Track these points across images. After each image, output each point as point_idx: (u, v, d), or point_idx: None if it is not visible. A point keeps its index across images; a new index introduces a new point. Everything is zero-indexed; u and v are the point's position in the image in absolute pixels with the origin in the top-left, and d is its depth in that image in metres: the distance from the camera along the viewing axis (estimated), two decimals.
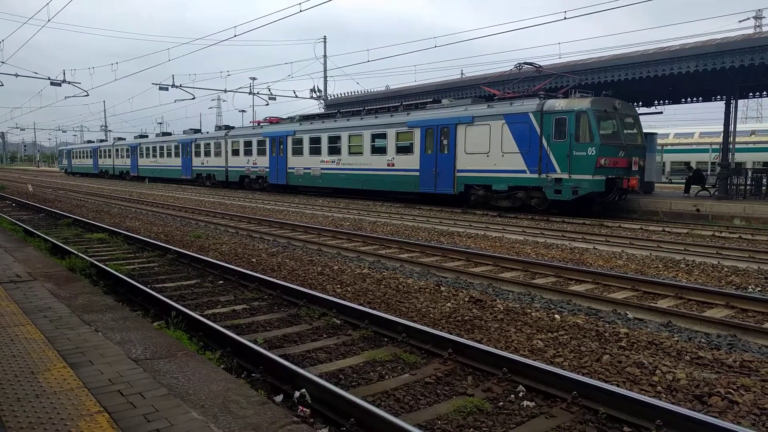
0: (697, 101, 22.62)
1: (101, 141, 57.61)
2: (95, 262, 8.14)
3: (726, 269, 8.73)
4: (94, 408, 2.91)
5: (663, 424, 3.37)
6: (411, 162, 20.53)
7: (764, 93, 21.10)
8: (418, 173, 20.25)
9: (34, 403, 2.95)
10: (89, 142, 61.88)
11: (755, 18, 45.98)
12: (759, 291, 7.42)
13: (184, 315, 5.49)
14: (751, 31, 38.41)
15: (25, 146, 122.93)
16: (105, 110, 77.19)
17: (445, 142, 19.32)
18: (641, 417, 3.50)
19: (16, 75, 31.54)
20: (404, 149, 20.84)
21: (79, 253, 8.91)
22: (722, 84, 18.21)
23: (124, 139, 51.69)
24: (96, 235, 11.94)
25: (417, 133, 20.26)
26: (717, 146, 27.20)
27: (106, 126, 77.03)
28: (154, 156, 41.00)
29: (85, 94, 34.08)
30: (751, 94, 21.44)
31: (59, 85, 31.43)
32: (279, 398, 3.90)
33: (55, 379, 3.28)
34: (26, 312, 4.74)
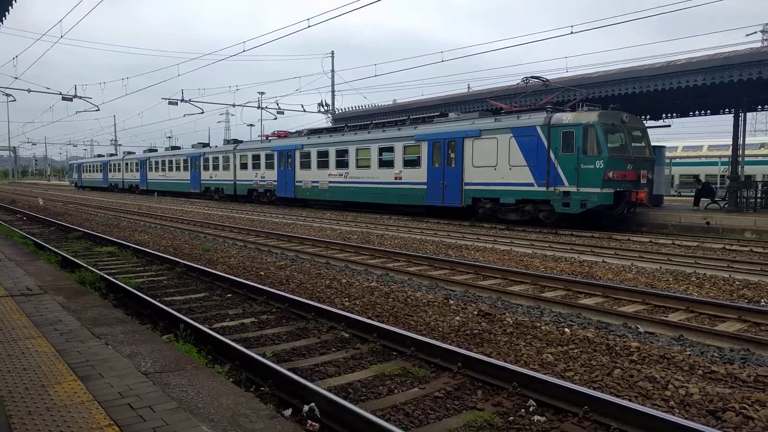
0: (706, 114, 22.56)
1: (111, 155, 58.13)
2: (105, 275, 8.18)
3: (738, 282, 8.65)
4: (104, 421, 2.92)
5: None
6: (418, 175, 20.56)
7: None
8: (425, 186, 20.27)
9: (45, 417, 2.95)
10: (99, 156, 62.47)
11: (763, 32, 45.98)
12: None
13: (192, 328, 5.50)
14: (758, 44, 38.39)
15: (36, 160, 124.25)
16: (115, 125, 78.16)
17: (452, 155, 19.35)
18: None
19: (29, 90, 31.99)
20: (412, 162, 20.88)
21: (89, 267, 8.96)
22: (730, 97, 18.16)
23: (134, 153, 52.15)
24: (105, 249, 12.02)
25: (424, 147, 20.32)
26: (726, 159, 27.09)
27: (116, 140, 77.87)
28: (163, 170, 41.31)
29: (96, 108, 34.48)
30: (759, 107, 21.37)
31: (71, 100, 31.86)
32: (288, 412, 3.89)
33: (65, 392, 3.29)
34: (37, 325, 4.77)
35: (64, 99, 31.89)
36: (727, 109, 21.28)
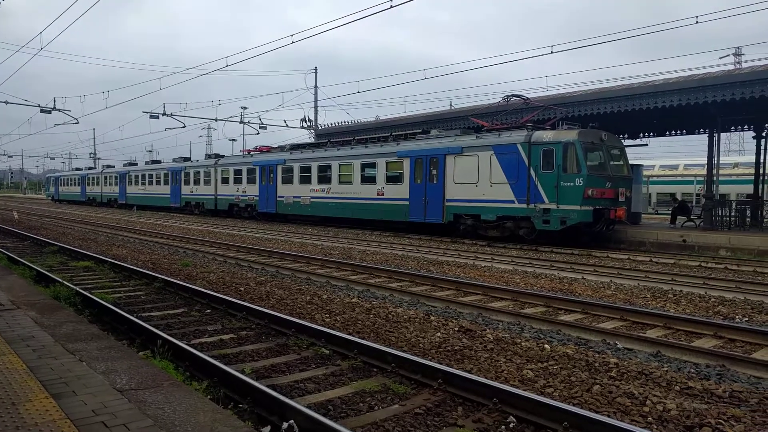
0: (682, 134, 23.09)
1: (90, 169, 57.38)
2: (80, 290, 8.02)
3: (713, 299, 8.79)
4: None
5: None
6: (401, 191, 20.63)
7: (745, 127, 21.58)
8: (407, 202, 20.34)
9: None
10: (77, 169, 61.62)
11: (735, 54, 47.36)
12: (746, 321, 7.46)
13: (170, 344, 5.40)
14: (731, 67, 39.48)
15: (12, 173, 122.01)
16: (95, 138, 77.07)
17: (434, 172, 19.48)
18: None
19: (6, 102, 31.60)
20: (394, 179, 20.96)
21: (64, 282, 8.78)
22: (705, 118, 18.62)
23: (113, 166, 51.54)
24: (82, 263, 11.80)
25: (407, 163, 20.42)
26: (701, 178, 27.70)
27: (95, 154, 76.85)
28: (143, 184, 40.86)
29: (75, 121, 34.13)
30: (733, 128, 21.93)
31: (49, 112, 31.49)
32: (266, 429, 3.83)
33: (36, 410, 3.20)
34: (8, 341, 4.65)
35: (42, 111, 31.49)
36: (702, 129, 21.80)
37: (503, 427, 3.98)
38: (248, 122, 39.30)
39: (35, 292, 7.19)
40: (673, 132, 23.05)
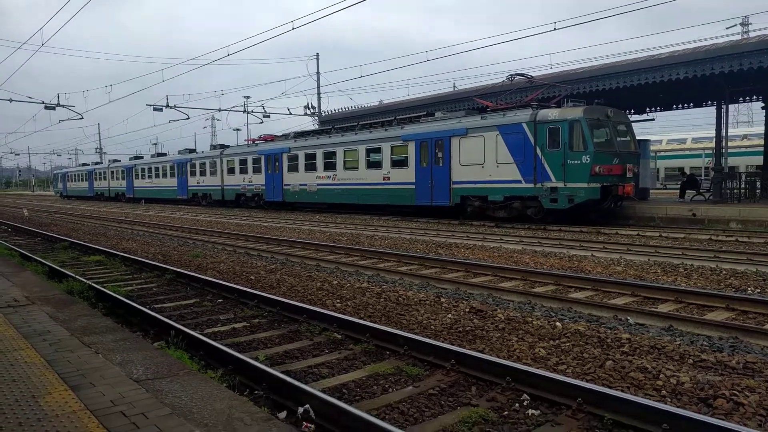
0: (689, 107, 22.84)
1: (96, 163, 57.62)
2: (93, 284, 8.10)
3: (724, 272, 8.75)
4: (97, 430, 2.89)
5: (670, 428, 3.35)
6: (407, 175, 20.59)
7: (754, 97, 21.31)
8: (413, 186, 20.30)
9: (36, 427, 2.92)
10: (84, 164, 61.86)
11: (742, 24, 46.59)
12: (758, 293, 7.43)
13: (184, 334, 5.46)
14: (738, 37, 38.88)
15: (20, 171, 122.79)
16: (99, 133, 77.29)
17: (439, 154, 19.40)
18: (647, 421, 3.48)
19: (11, 100, 31.65)
20: (399, 163, 20.91)
21: (77, 276, 8.87)
22: (713, 90, 18.39)
23: (119, 161, 51.72)
24: (93, 258, 11.90)
25: (412, 147, 20.35)
26: (710, 151, 27.43)
27: (101, 148, 77.09)
28: (150, 177, 41.02)
29: (80, 117, 34.16)
30: (741, 99, 21.65)
31: (53, 108, 31.55)
32: (283, 414, 3.87)
33: (56, 403, 3.25)
34: (25, 336, 4.71)
35: (46, 108, 31.57)
36: (709, 102, 21.55)
37: (517, 405, 4.00)
38: (252, 111, 39.26)
39: (49, 287, 7.26)
40: (680, 105, 22.80)
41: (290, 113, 37.30)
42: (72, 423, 2.97)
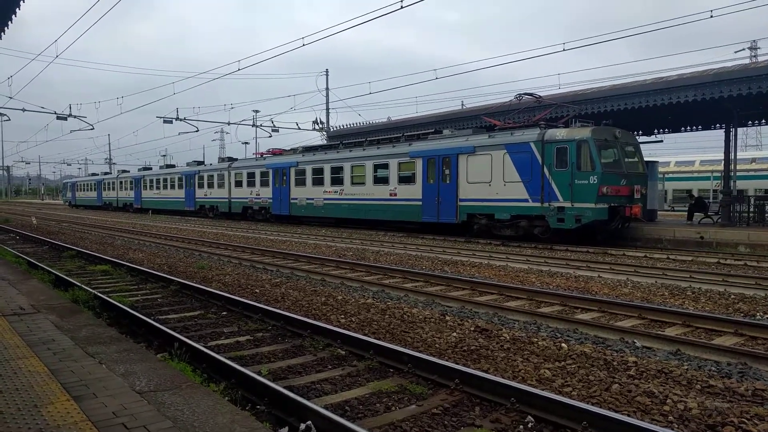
0: (697, 130, 22.79)
1: (105, 174, 58.06)
2: (99, 293, 8.11)
3: (733, 296, 8.66)
4: None
5: None
6: (413, 192, 20.61)
7: (763, 121, 21.26)
8: (420, 203, 20.31)
9: None
10: (93, 174, 62.35)
11: (750, 48, 46.65)
12: (767, 318, 7.34)
13: (187, 346, 5.45)
14: (747, 61, 38.93)
15: (30, 179, 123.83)
16: (110, 143, 77.97)
17: (447, 171, 19.43)
18: None
19: (24, 110, 32.08)
20: (406, 179, 20.95)
21: (83, 285, 8.89)
22: (721, 113, 18.38)
23: (128, 171, 52.08)
24: (99, 267, 11.94)
25: (419, 163, 20.40)
26: (718, 174, 27.30)
27: (110, 159, 77.74)
28: (158, 188, 41.25)
29: (91, 127, 34.51)
30: (750, 122, 21.61)
31: (65, 119, 31.90)
32: (284, 430, 3.84)
33: (58, 413, 3.24)
34: (30, 344, 4.71)
35: (59, 118, 31.93)
36: (718, 125, 21.51)
37: (521, 426, 3.95)
38: (261, 125, 39.53)
39: (54, 296, 7.28)
40: (688, 128, 22.76)
41: (299, 128, 37.55)
42: None
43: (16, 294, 7.14)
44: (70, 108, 31.85)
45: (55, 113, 31.83)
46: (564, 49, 18.00)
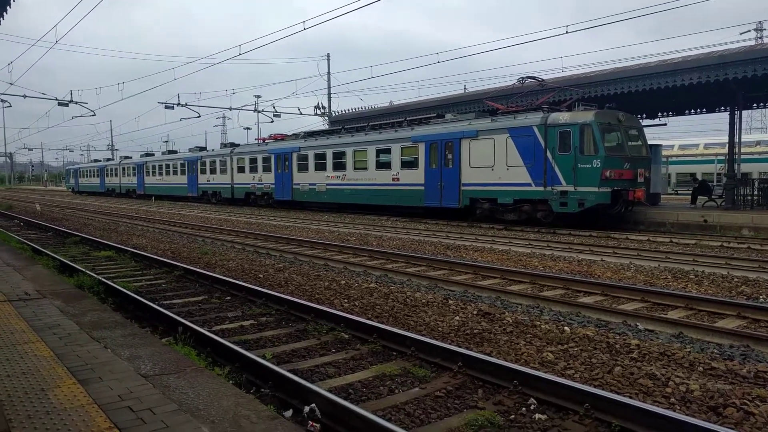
0: (701, 113, 22.64)
1: (108, 160, 58.07)
2: (103, 279, 8.16)
3: (736, 279, 8.66)
4: (104, 424, 2.90)
5: None
6: (416, 176, 20.57)
7: None
8: (423, 187, 20.28)
9: (45, 420, 2.94)
10: (96, 161, 62.35)
11: (756, 30, 46.10)
12: None
13: (192, 331, 5.48)
14: (752, 42, 38.53)
15: (32, 166, 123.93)
16: (111, 129, 77.92)
17: (449, 156, 19.37)
18: (655, 429, 3.45)
19: (24, 96, 31.95)
20: (409, 164, 20.89)
21: (87, 271, 8.93)
22: (726, 95, 18.22)
23: (131, 157, 52.07)
24: (103, 253, 11.99)
25: (421, 148, 20.33)
26: (722, 157, 27.17)
27: (112, 145, 77.71)
28: (161, 174, 41.26)
29: (92, 113, 34.48)
30: (755, 104, 21.44)
31: (66, 105, 31.80)
32: (289, 413, 3.88)
33: (65, 396, 3.27)
34: (36, 329, 4.75)
35: (60, 104, 31.83)
36: (722, 107, 21.35)
37: (524, 409, 3.98)
38: (262, 110, 39.38)
39: (59, 281, 7.32)
40: (692, 111, 22.60)
41: (300, 113, 37.40)
42: (80, 417, 2.98)
43: (21, 280, 7.18)
44: (71, 94, 31.74)
45: (56, 99, 31.73)
46: (567, 32, 17.82)
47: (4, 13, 10.95)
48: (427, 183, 20.14)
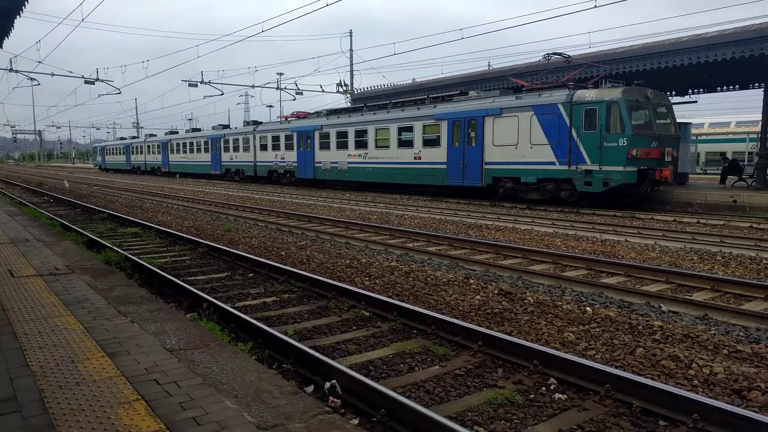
0: (734, 89, 21.92)
1: (133, 138, 58.84)
2: (129, 255, 8.33)
3: (765, 261, 8.48)
4: (132, 396, 2.99)
5: (700, 418, 3.30)
6: (438, 155, 20.43)
7: None
8: (445, 166, 20.15)
9: (75, 391, 3.04)
10: (122, 139, 63.23)
11: None
12: None
13: (215, 307, 5.58)
14: None
15: (61, 144, 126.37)
16: (137, 107, 78.74)
17: (472, 134, 19.17)
18: (677, 411, 3.43)
19: (52, 74, 32.40)
20: (431, 142, 20.75)
21: (114, 247, 9.14)
22: (761, 71, 17.60)
23: (155, 135, 52.69)
24: (129, 230, 12.22)
25: (444, 126, 20.15)
26: (754, 135, 26.37)
27: (137, 123, 78.64)
28: (185, 152, 41.71)
29: (118, 91, 34.82)
30: None
31: (93, 83, 32.16)
32: (310, 389, 3.94)
33: (94, 368, 3.37)
34: (66, 303, 4.88)
35: (86, 82, 32.18)
36: (757, 84, 20.65)
37: (544, 388, 3.99)
38: (285, 88, 39.35)
39: (88, 257, 7.50)
40: (725, 87, 21.90)
41: (323, 90, 37.29)
42: (108, 388, 3.08)
43: (51, 255, 7.37)
44: (97, 72, 32.08)
45: (83, 77, 32.11)
46: (596, 6, 17.31)
47: (6, 38, 11.15)
48: (449, 161, 20.00)
